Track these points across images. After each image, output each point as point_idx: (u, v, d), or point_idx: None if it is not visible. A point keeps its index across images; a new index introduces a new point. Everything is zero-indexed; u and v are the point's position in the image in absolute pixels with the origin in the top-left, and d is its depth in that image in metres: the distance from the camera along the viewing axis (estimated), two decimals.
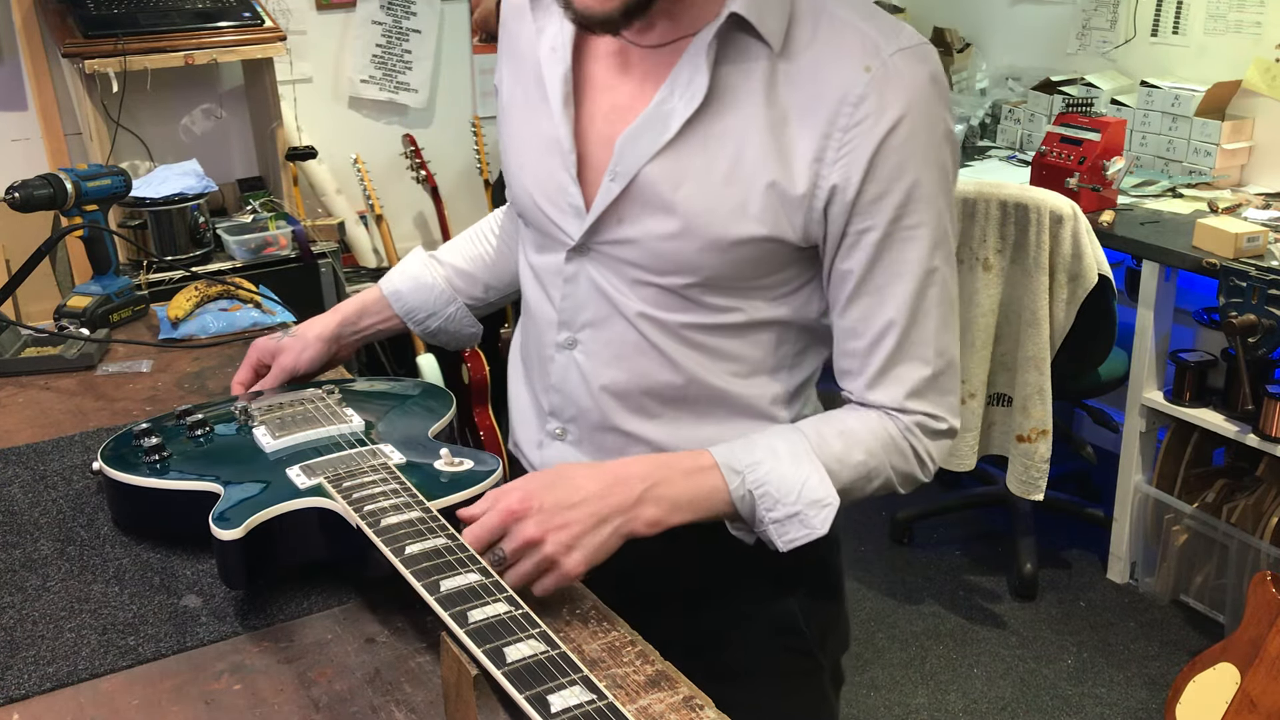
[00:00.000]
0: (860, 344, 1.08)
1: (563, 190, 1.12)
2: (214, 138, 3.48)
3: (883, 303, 1.06)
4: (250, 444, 1.18)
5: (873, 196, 1.02)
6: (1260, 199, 2.96)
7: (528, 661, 0.79)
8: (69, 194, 1.73)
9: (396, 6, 3.71)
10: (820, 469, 1.05)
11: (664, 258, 1.07)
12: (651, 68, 1.07)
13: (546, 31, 1.13)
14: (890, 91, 1.00)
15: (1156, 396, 2.83)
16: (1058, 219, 2.60)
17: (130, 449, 1.19)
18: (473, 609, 0.86)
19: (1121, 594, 3.00)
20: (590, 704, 0.75)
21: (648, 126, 1.05)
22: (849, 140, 1.01)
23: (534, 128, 1.14)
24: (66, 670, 0.97)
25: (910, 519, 3.30)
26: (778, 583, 1.22)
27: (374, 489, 1.04)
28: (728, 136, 1.03)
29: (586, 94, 1.11)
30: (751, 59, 1.03)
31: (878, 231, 1.04)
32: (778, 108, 1.02)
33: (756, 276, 1.08)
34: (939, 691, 2.67)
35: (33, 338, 1.68)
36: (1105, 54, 3.55)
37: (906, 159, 1.01)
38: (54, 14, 3.05)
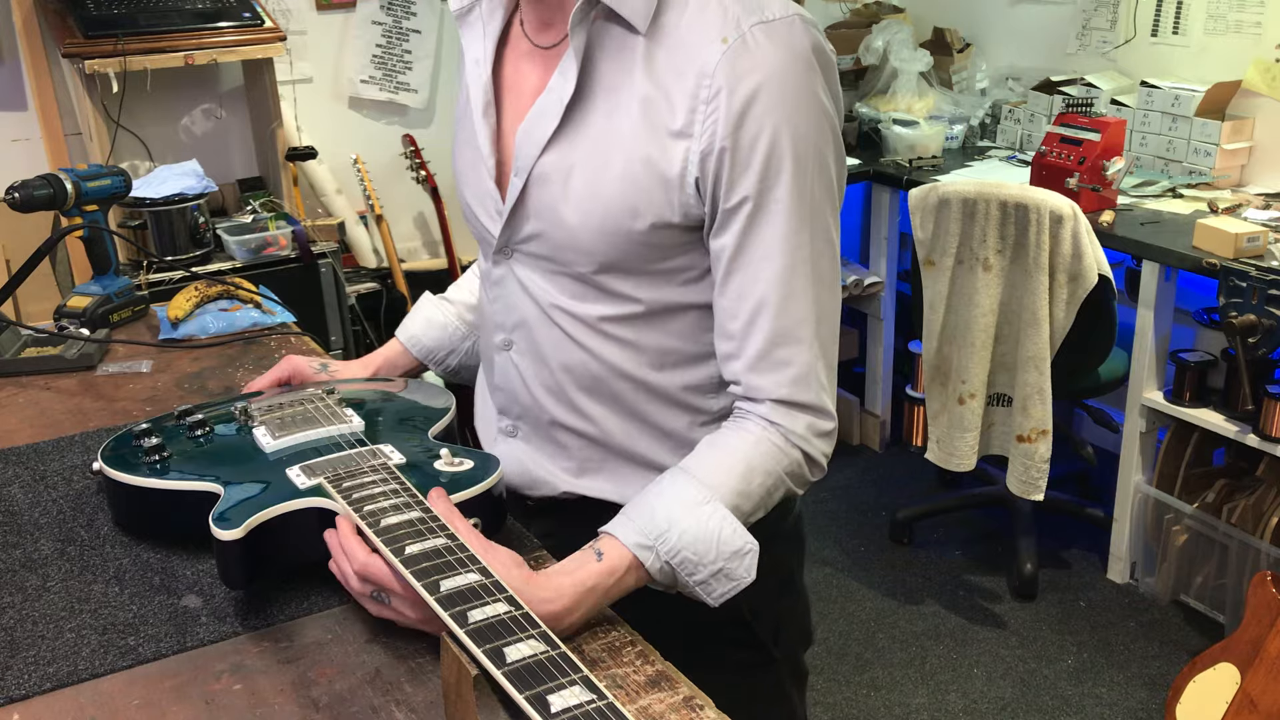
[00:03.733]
0: (737, 324, 1.07)
1: (489, 194, 1.17)
2: (214, 138, 3.48)
3: (755, 281, 1.05)
4: (250, 444, 1.18)
5: (735, 170, 1.02)
6: (1260, 199, 2.96)
7: (527, 661, 0.79)
8: (69, 194, 1.73)
9: (396, 6, 3.71)
10: (728, 515, 1.02)
11: (567, 247, 1.10)
12: (549, 62, 1.12)
13: (471, 49, 1.19)
14: (745, 62, 1.00)
15: (1156, 396, 2.83)
16: (1058, 219, 2.60)
17: (130, 449, 1.19)
18: (473, 609, 0.86)
19: (1121, 594, 3.00)
20: (590, 704, 0.74)
21: (536, 120, 1.09)
22: (710, 113, 1.01)
23: (468, 142, 1.20)
24: (66, 670, 0.97)
25: (910, 519, 3.29)
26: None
27: (374, 489, 1.04)
28: (605, 123, 1.06)
29: (506, 98, 1.17)
30: (622, 45, 1.05)
31: (747, 206, 1.03)
32: (648, 89, 1.04)
33: (657, 260, 1.09)
34: (939, 691, 2.67)
35: (33, 338, 1.68)
36: (1105, 54, 3.55)
37: (766, 131, 1.01)
38: (54, 14, 3.05)
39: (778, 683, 1.30)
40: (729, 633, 1.24)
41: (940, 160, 3.58)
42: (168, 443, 1.19)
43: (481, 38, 1.18)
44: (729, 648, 1.25)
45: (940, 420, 2.91)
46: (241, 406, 1.25)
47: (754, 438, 1.07)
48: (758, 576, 1.17)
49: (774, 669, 1.29)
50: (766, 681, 1.29)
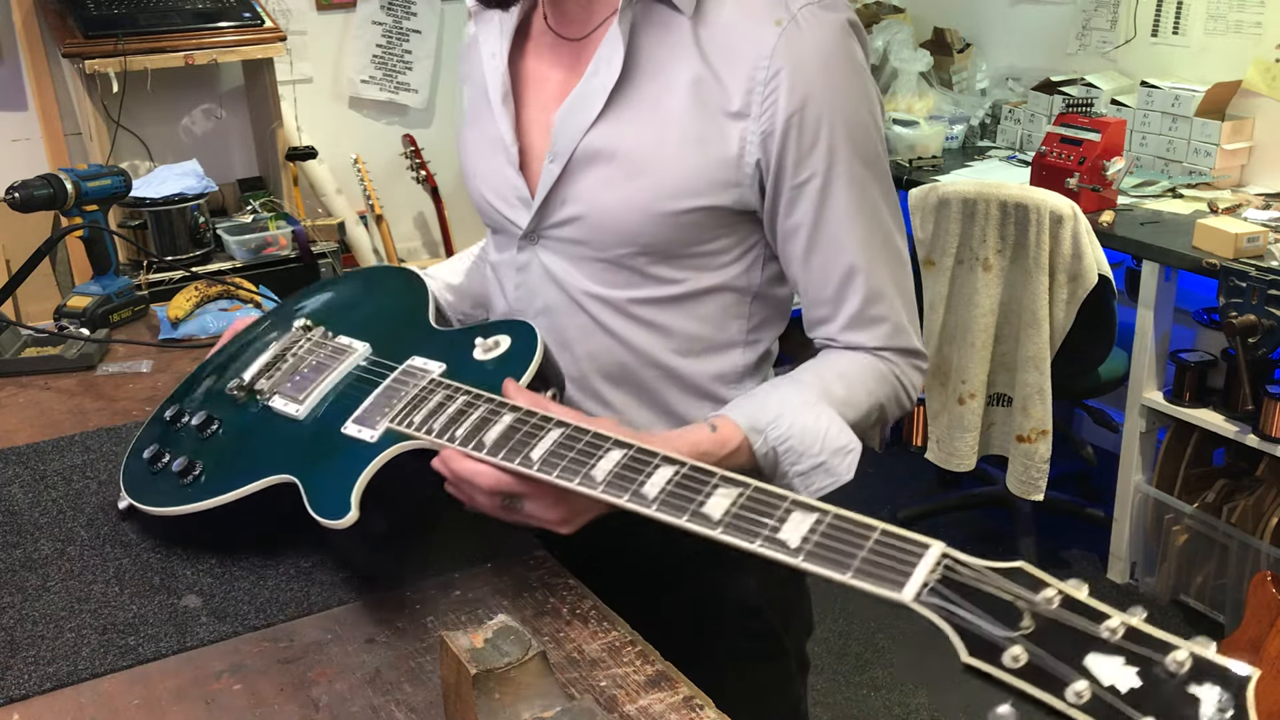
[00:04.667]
0: (827, 292, 1.11)
1: (509, 184, 1.16)
2: (214, 138, 3.48)
3: (840, 250, 1.09)
4: (280, 419, 1.13)
5: (804, 148, 1.05)
6: (1260, 199, 2.96)
7: (735, 510, 0.81)
8: (69, 194, 1.73)
9: (396, 6, 3.71)
10: (834, 415, 1.07)
11: (607, 230, 1.10)
12: (580, 53, 1.13)
13: (487, 42, 1.19)
14: (801, 42, 1.03)
15: (1156, 396, 2.83)
16: (1058, 219, 2.60)
17: (152, 477, 1.14)
18: (642, 485, 0.86)
19: (1121, 594, 3.00)
20: (823, 519, 0.78)
21: (578, 104, 1.09)
22: (769, 94, 1.03)
23: (482, 134, 1.20)
24: (66, 670, 0.97)
25: (910, 519, 3.29)
26: (737, 565, 1.22)
27: (446, 410, 1.00)
28: (654, 104, 1.07)
29: (526, 90, 1.17)
30: (668, 28, 1.07)
31: (817, 180, 1.06)
32: (698, 71, 1.05)
33: (696, 242, 1.10)
34: (939, 691, 2.66)
35: (33, 338, 1.68)
36: (1105, 54, 3.55)
37: (828, 106, 1.04)
38: (54, 14, 3.05)
39: (787, 672, 1.30)
40: (742, 622, 1.25)
41: (940, 160, 3.58)
42: (186, 454, 1.14)
43: (498, 32, 1.18)
44: (742, 638, 1.25)
45: (940, 420, 2.91)
46: (234, 385, 1.19)
47: (861, 362, 1.12)
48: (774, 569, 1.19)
49: (784, 659, 1.29)
50: (776, 671, 1.29)
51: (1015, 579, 0.70)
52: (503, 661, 0.80)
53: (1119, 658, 0.64)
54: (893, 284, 1.11)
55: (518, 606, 1.04)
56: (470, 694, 0.79)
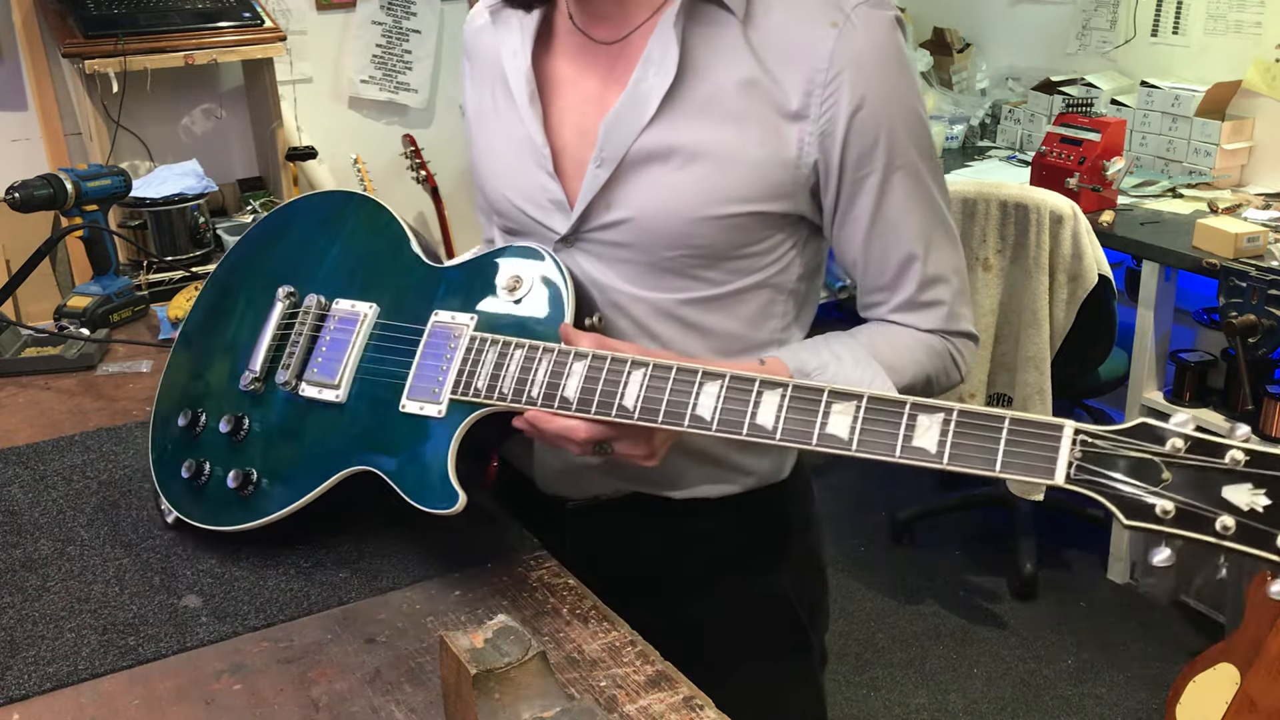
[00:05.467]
0: (884, 280, 1.13)
1: (541, 188, 1.13)
2: (214, 138, 3.48)
3: (898, 240, 1.11)
4: (319, 406, 1.09)
5: (864, 147, 1.06)
6: (1260, 199, 2.96)
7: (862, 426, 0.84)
8: (69, 194, 1.73)
9: (396, 6, 3.71)
10: (882, 371, 1.08)
11: (655, 234, 1.08)
12: (618, 55, 1.11)
13: (507, 41, 1.16)
14: (858, 43, 1.04)
15: (1156, 396, 2.83)
16: (1058, 219, 2.60)
17: (201, 492, 1.12)
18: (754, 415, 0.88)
19: (1121, 594, 3.00)
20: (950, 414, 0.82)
21: (628, 108, 1.07)
22: (829, 96, 1.04)
23: (504, 134, 1.17)
24: (66, 670, 0.97)
25: (910, 519, 3.29)
26: (769, 563, 1.25)
27: (505, 369, 0.99)
28: (708, 106, 1.06)
29: (553, 92, 1.14)
30: (719, 29, 1.06)
31: (876, 175, 1.07)
32: (752, 72, 1.05)
33: (745, 244, 1.10)
34: (939, 691, 2.66)
35: (33, 338, 1.68)
36: (1105, 54, 3.55)
37: (887, 104, 1.05)
38: (54, 14, 3.05)
39: (811, 666, 1.31)
40: (773, 617, 1.25)
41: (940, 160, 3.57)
42: (235, 465, 1.10)
43: (519, 30, 1.15)
44: (771, 634, 1.26)
45: None
46: (251, 379, 1.14)
47: (914, 335, 1.14)
48: (799, 561, 1.24)
49: (810, 652, 1.30)
50: (802, 665, 1.30)
51: (1141, 435, 0.76)
52: (503, 661, 0.80)
53: (1247, 484, 0.72)
54: (949, 268, 1.14)
55: (518, 606, 1.04)
56: (470, 694, 0.79)
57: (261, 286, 1.20)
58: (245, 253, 1.26)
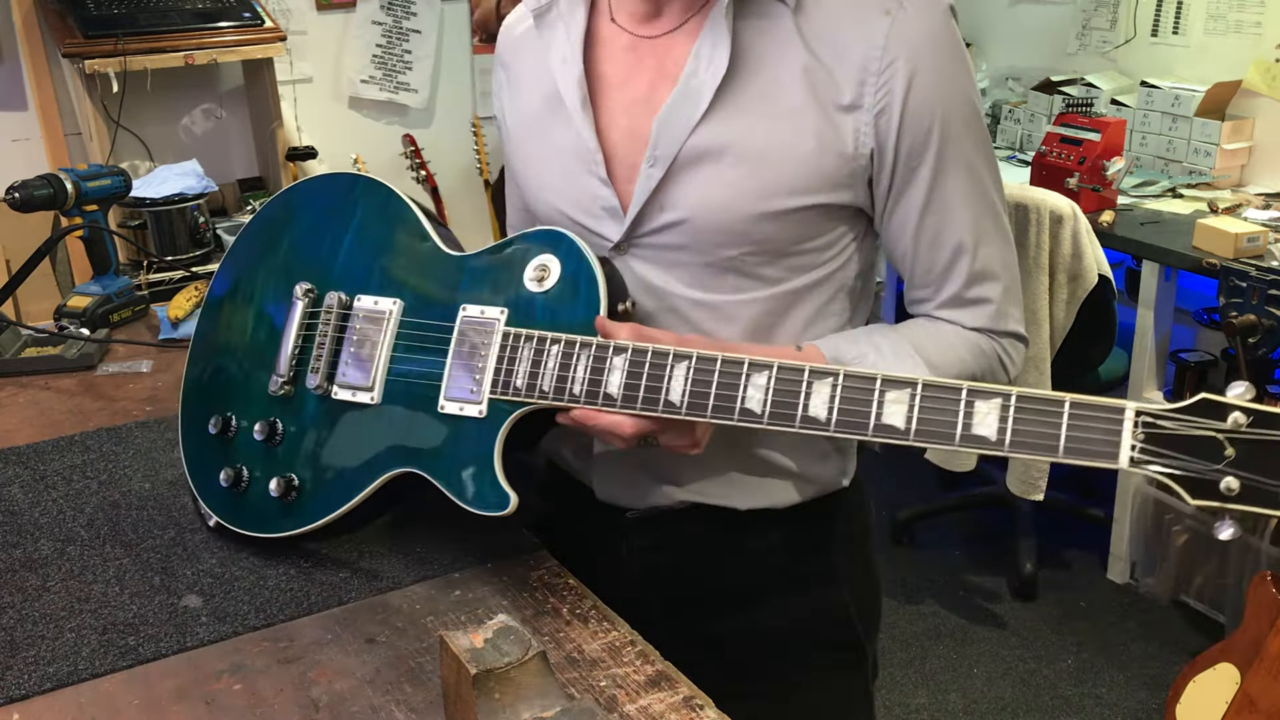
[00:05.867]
0: (933, 274, 1.11)
1: (594, 196, 1.10)
2: (214, 138, 3.48)
3: (949, 230, 1.08)
4: (354, 409, 1.08)
5: (918, 135, 1.04)
6: (1260, 199, 2.96)
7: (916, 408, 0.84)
8: (69, 194, 1.73)
9: (396, 6, 3.71)
10: (922, 365, 1.06)
11: (713, 232, 1.06)
12: (666, 52, 1.08)
13: (554, 46, 1.13)
14: (913, 31, 1.02)
15: (1156, 397, 2.83)
16: (1058, 219, 2.60)
17: (242, 499, 1.11)
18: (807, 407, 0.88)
19: (1121, 594, 3.00)
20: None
21: (680, 104, 1.05)
22: (884, 84, 1.02)
23: (551, 143, 1.14)
24: (67, 670, 0.97)
25: (910, 519, 3.29)
26: (830, 577, 1.23)
27: (543, 365, 0.98)
28: (762, 98, 1.04)
29: (603, 95, 1.11)
30: (770, 20, 1.04)
31: (929, 165, 1.06)
32: (805, 63, 1.03)
33: (805, 239, 1.08)
34: (939, 691, 2.66)
35: (33, 338, 1.68)
36: (1105, 54, 3.55)
37: (941, 92, 1.04)
38: (54, 14, 3.05)
39: (866, 679, 1.29)
40: (834, 630, 1.24)
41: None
42: (275, 473, 1.09)
43: (564, 34, 1.12)
44: (831, 648, 1.24)
45: None
46: (280, 384, 1.11)
47: (961, 333, 1.11)
48: (859, 571, 1.24)
49: (865, 664, 1.28)
50: (858, 680, 1.28)
51: (1202, 412, 0.76)
52: (503, 661, 0.80)
53: None
54: (999, 264, 1.11)
55: (518, 606, 1.04)
56: (470, 694, 0.79)
57: (275, 282, 1.17)
58: (252, 245, 1.22)
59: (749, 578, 1.20)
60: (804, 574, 1.21)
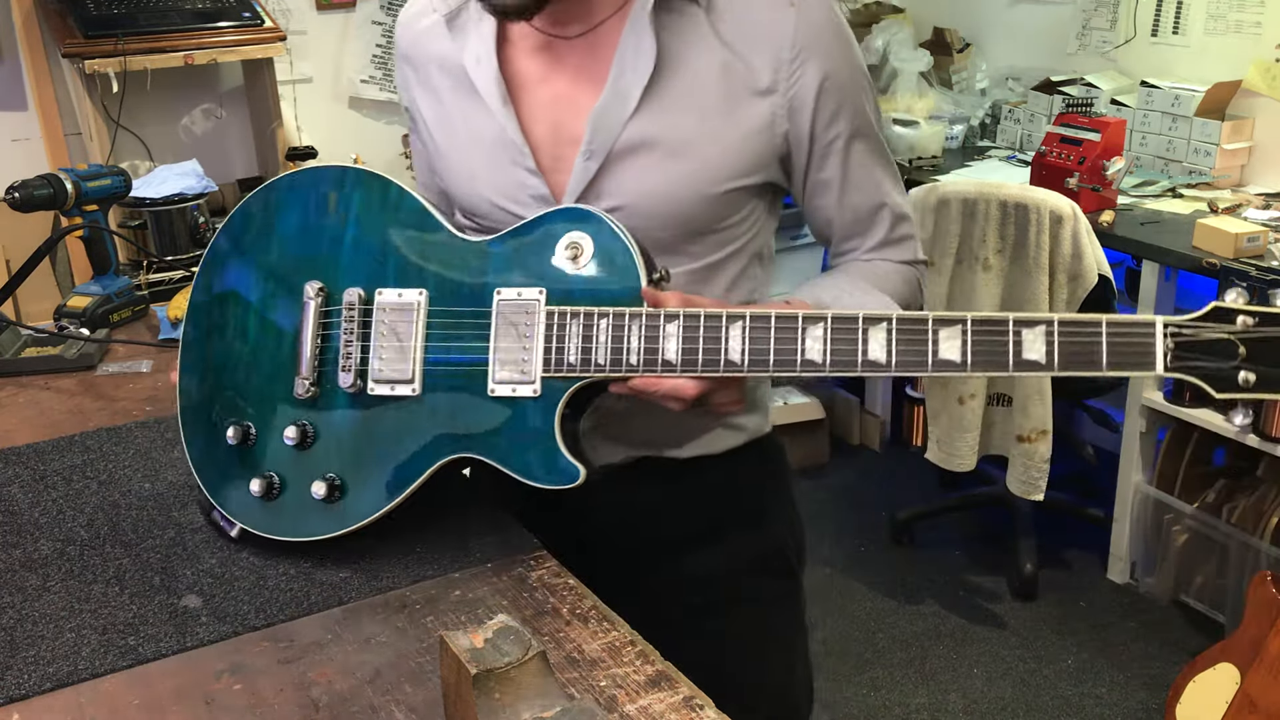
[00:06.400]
0: (858, 226, 1.22)
1: (521, 185, 1.17)
2: (214, 138, 3.48)
3: (867, 189, 1.20)
4: (393, 402, 1.06)
5: (830, 112, 1.15)
6: (1260, 199, 2.96)
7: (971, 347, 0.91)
8: (69, 194, 1.73)
9: (396, 6, 3.71)
10: (884, 296, 1.17)
11: (647, 217, 1.13)
12: (587, 50, 1.15)
13: (468, 47, 1.19)
14: (814, 20, 1.12)
15: (1156, 396, 2.83)
16: (1058, 219, 2.60)
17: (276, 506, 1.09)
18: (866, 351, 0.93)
19: (1121, 594, 3.00)
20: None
21: (611, 103, 1.12)
22: (796, 71, 1.12)
23: (472, 136, 1.20)
24: (66, 670, 0.97)
25: (910, 519, 3.29)
26: (763, 515, 1.33)
27: (594, 340, 0.99)
28: (687, 92, 1.12)
29: (522, 91, 1.18)
30: (685, 20, 1.12)
31: (843, 138, 1.16)
32: (722, 57, 1.12)
33: (726, 216, 1.17)
34: (939, 691, 2.66)
35: (33, 338, 1.68)
36: (1105, 54, 3.55)
37: (842, 73, 1.15)
38: (54, 14, 3.05)
39: (801, 607, 1.39)
40: (773, 565, 1.33)
41: (940, 160, 3.58)
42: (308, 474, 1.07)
43: (476, 35, 1.18)
44: (772, 580, 1.33)
45: (940, 420, 2.91)
46: (307, 386, 1.09)
47: (887, 267, 1.23)
48: (788, 509, 1.35)
49: (800, 595, 1.38)
50: (798, 609, 1.38)
51: (1217, 319, 0.88)
52: (503, 661, 0.80)
53: None
54: (906, 205, 1.25)
55: (518, 606, 1.04)
56: (470, 694, 0.79)
57: (273, 284, 1.13)
58: (235, 247, 1.16)
59: (692, 520, 1.28)
60: (743, 513, 1.31)
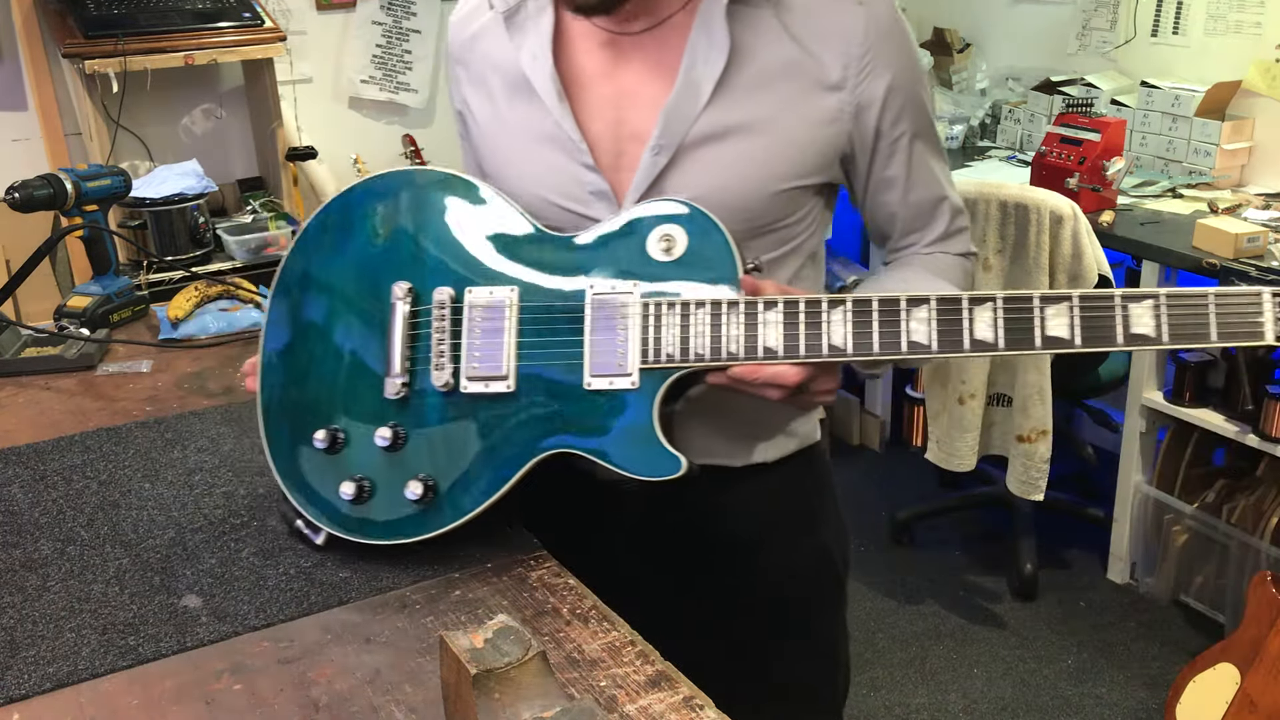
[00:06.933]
0: (919, 221, 1.24)
1: (578, 181, 1.16)
2: (214, 138, 3.48)
3: (929, 186, 1.23)
4: (487, 399, 1.06)
5: (896, 111, 1.16)
6: (1260, 199, 2.96)
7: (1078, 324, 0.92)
8: (69, 194, 1.73)
9: (396, 6, 3.71)
10: (951, 286, 1.18)
11: (714, 211, 1.09)
12: (653, 47, 1.15)
13: (525, 45, 1.18)
14: (880, 19, 1.14)
15: (1156, 396, 2.83)
16: (1058, 219, 2.60)
17: (367, 509, 1.08)
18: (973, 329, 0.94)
19: (1121, 594, 3.00)
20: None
21: (683, 97, 1.12)
22: (865, 68, 1.13)
23: (526, 134, 1.19)
24: (66, 670, 0.97)
25: (910, 519, 3.29)
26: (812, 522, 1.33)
27: (691, 329, 0.99)
28: (757, 86, 1.12)
29: (581, 88, 1.17)
30: (754, 15, 1.13)
31: (907, 136, 1.18)
32: (791, 53, 1.12)
33: (787, 215, 1.17)
34: (939, 691, 2.66)
35: (33, 338, 1.68)
36: (1105, 54, 3.55)
37: (908, 70, 1.16)
38: (54, 14, 3.05)
39: (845, 613, 1.41)
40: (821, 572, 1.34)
41: None
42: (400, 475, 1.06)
43: (535, 34, 1.17)
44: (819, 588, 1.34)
45: (940, 420, 2.91)
46: (399, 386, 1.08)
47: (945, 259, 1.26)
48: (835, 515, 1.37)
49: (844, 599, 1.40)
50: (840, 612, 1.40)
51: None
52: (503, 661, 0.80)
53: None
54: (961, 199, 1.27)
55: (518, 606, 1.04)
56: (470, 694, 0.79)
57: (359, 289, 1.12)
58: (315, 258, 1.17)
59: (744, 526, 1.28)
60: (793, 521, 1.31)
